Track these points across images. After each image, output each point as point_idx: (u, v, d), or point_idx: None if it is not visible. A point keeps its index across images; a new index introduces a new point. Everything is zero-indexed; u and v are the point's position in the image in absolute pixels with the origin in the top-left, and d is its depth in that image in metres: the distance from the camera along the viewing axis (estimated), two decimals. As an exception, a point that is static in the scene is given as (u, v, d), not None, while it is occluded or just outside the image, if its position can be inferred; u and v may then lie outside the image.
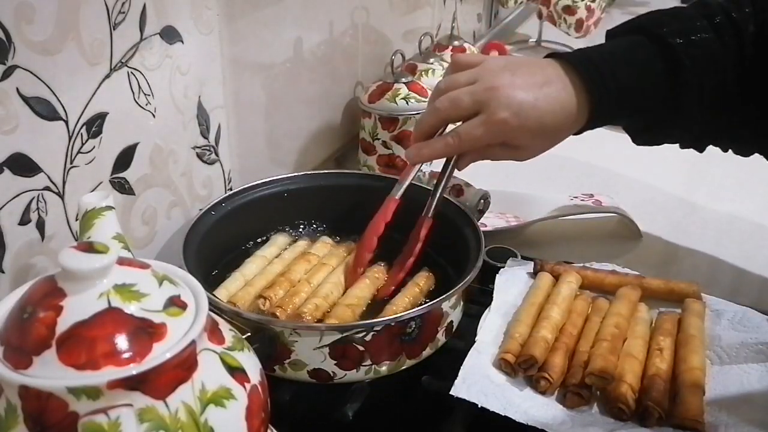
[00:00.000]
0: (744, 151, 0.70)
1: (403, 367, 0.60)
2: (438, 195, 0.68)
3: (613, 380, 0.58)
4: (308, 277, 0.68)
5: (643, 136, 0.69)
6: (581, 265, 0.74)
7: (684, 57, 0.62)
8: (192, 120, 0.73)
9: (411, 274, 0.69)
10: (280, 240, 0.75)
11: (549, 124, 0.63)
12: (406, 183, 0.69)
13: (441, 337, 0.62)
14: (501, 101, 0.61)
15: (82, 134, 0.59)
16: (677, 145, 0.70)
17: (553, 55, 0.66)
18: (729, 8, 0.63)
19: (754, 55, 0.62)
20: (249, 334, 0.55)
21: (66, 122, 0.57)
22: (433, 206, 0.68)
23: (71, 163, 0.59)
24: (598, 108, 0.63)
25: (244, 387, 0.39)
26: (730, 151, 0.70)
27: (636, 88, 0.63)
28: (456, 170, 0.68)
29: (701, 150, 0.70)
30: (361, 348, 0.57)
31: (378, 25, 1.11)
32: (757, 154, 0.68)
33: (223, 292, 0.65)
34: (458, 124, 0.64)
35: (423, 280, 0.69)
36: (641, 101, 0.64)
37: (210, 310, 0.40)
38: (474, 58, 0.68)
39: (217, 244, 0.70)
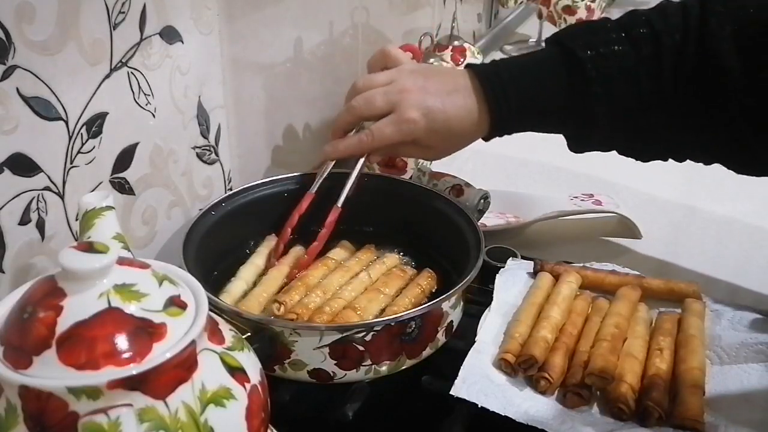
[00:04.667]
0: (684, 158, 0.70)
1: (403, 367, 0.60)
2: (348, 186, 0.71)
3: (613, 380, 0.58)
4: (326, 283, 0.67)
5: (573, 145, 0.71)
6: (581, 265, 0.74)
7: (591, 69, 0.64)
8: (192, 120, 0.73)
9: (322, 253, 0.71)
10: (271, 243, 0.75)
11: (455, 128, 0.68)
12: (321, 178, 0.73)
13: (441, 337, 0.62)
14: (411, 103, 0.66)
15: (82, 134, 0.59)
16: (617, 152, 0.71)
17: (469, 65, 0.70)
18: (653, 19, 0.64)
19: (677, 61, 0.63)
20: (249, 334, 0.55)
21: (66, 122, 0.57)
22: (343, 196, 0.71)
23: (71, 163, 0.59)
24: (498, 118, 0.68)
25: (244, 387, 0.39)
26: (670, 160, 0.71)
27: (538, 102, 0.67)
28: (368, 162, 0.73)
29: (645, 160, 0.71)
30: (361, 348, 0.57)
31: (378, 25, 1.11)
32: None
33: (226, 296, 0.65)
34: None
35: (425, 281, 0.68)
36: (545, 114, 0.68)
37: (210, 310, 0.40)
38: (394, 58, 0.72)
39: (217, 244, 0.70)
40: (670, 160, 0.70)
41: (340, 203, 0.71)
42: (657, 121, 0.66)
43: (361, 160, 0.72)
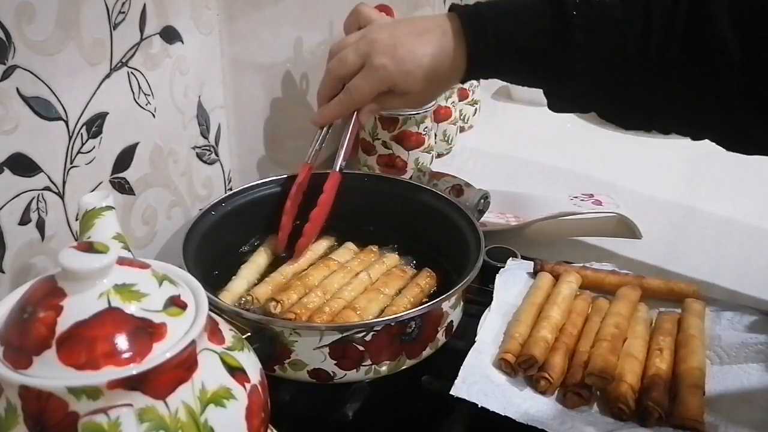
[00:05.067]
0: (664, 129, 0.69)
1: (403, 367, 0.60)
2: (344, 148, 0.72)
3: (613, 380, 0.58)
4: (327, 283, 0.67)
5: (552, 101, 0.69)
6: (581, 265, 0.74)
7: (576, 15, 0.62)
8: (192, 120, 0.73)
9: (321, 233, 0.73)
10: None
11: (427, 66, 0.66)
12: (314, 148, 0.74)
13: (441, 337, 0.62)
14: (379, 50, 0.66)
15: (82, 134, 0.59)
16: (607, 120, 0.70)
17: (453, 6, 0.69)
18: None
19: (668, 22, 0.61)
20: (249, 334, 0.55)
21: (66, 122, 0.57)
22: (340, 160, 0.72)
23: (71, 163, 0.59)
24: (474, 56, 0.66)
25: (244, 387, 0.39)
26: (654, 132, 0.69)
27: (517, 42, 0.65)
28: (359, 123, 0.73)
29: (628, 127, 0.70)
30: (361, 348, 0.57)
31: (378, 25, 1.11)
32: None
33: (227, 295, 0.65)
34: None
35: (424, 280, 0.68)
36: (524, 57, 0.66)
37: (210, 310, 0.40)
38: (366, 17, 0.72)
39: (217, 244, 0.70)
40: (655, 133, 0.68)
41: (337, 167, 0.72)
42: (640, 83, 0.64)
43: (352, 121, 0.72)
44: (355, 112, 0.71)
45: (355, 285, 0.67)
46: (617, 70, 0.64)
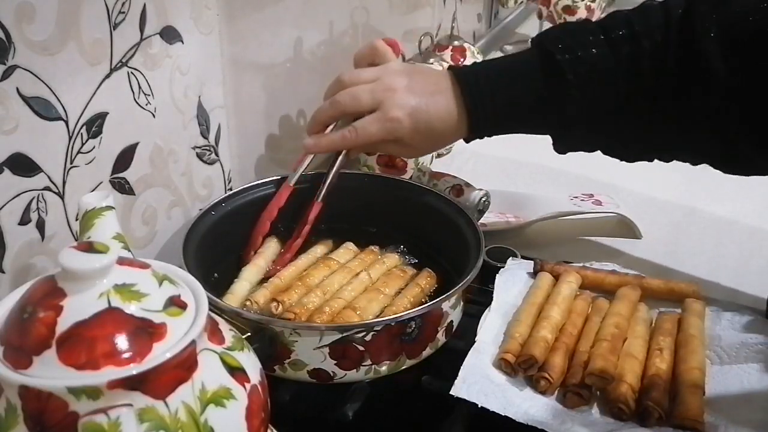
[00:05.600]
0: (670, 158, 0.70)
1: (403, 367, 0.60)
2: (328, 181, 0.73)
3: (613, 380, 0.58)
4: (327, 283, 0.67)
5: (557, 146, 0.71)
6: (581, 265, 0.74)
7: (568, 72, 0.64)
8: (192, 120, 0.73)
9: (301, 250, 0.73)
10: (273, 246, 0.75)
11: (437, 128, 0.68)
12: (300, 171, 0.74)
13: (441, 337, 0.62)
14: (396, 102, 0.67)
15: (82, 134, 0.59)
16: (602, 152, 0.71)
17: (451, 68, 0.71)
18: (633, 20, 0.64)
19: (657, 62, 0.63)
20: (249, 334, 0.55)
21: (66, 122, 0.57)
22: (323, 191, 0.73)
23: (71, 163, 0.59)
24: (474, 121, 0.68)
25: (244, 387, 0.39)
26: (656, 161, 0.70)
27: (515, 107, 0.67)
28: (348, 157, 0.74)
29: (631, 160, 0.71)
30: (361, 348, 0.57)
31: (378, 25, 1.11)
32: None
33: (231, 298, 0.65)
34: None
35: (424, 280, 0.68)
36: (522, 118, 0.69)
37: (210, 310, 0.40)
38: (382, 54, 0.73)
39: (217, 244, 0.70)
40: (656, 160, 0.70)
41: (319, 198, 0.73)
42: (636, 122, 0.66)
43: (342, 155, 0.73)
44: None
45: (355, 285, 0.67)
46: (613, 115, 0.66)
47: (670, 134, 0.66)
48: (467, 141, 0.72)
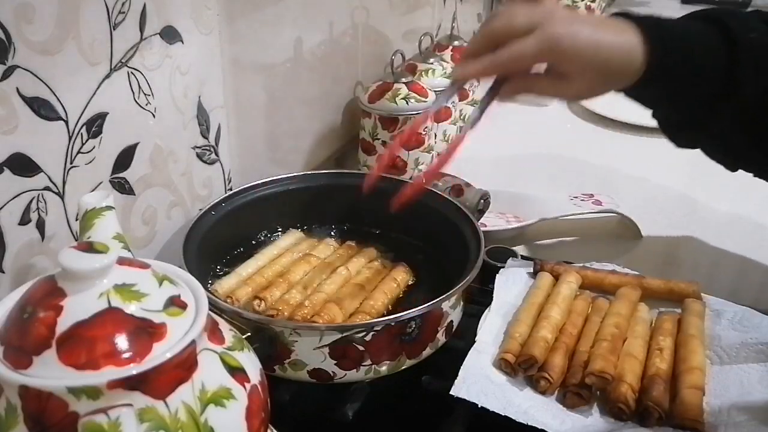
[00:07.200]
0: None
1: (403, 367, 0.60)
2: (484, 110, 0.65)
3: (613, 380, 0.58)
4: (308, 279, 0.68)
5: (681, 134, 0.66)
6: (581, 265, 0.74)
7: (742, 51, 0.59)
8: (192, 120, 0.73)
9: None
10: (288, 238, 0.76)
11: (602, 52, 0.59)
12: (450, 99, 0.69)
13: (441, 337, 0.62)
14: (556, 20, 0.59)
15: (82, 134, 0.59)
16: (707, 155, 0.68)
17: (620, 13, 0.64)
18: None
19: None
20: (249, 334, 0.55)
21: (66, 122, 0.57)
22: (477, 119, 0.65)
23: (71, 163, 0.59)
24: (653, 56, 0.60)
25: (244, 387, 0.39)
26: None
27: (694, 65, 0.60)
28: (499, 98, 0.65)
29: (734, 169, 0.67)
30: (361, 348, 0.57)
31: (378, 25, 1.11)
32: None
33: (220, 287, 0.66)
34: None
35: (400, 275, 0.70)
36: (696, 79, 0.61)
37: (210, 310, 0.40)
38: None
39: (217, 244, 0.70)
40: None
41: (470, 127, 0.65)
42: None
43: (495, 89, 0.64)
44: (496, 87, 0.64)
45: (334, 279, 0.68)
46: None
47: None
48: (628, 90, 0.63)
